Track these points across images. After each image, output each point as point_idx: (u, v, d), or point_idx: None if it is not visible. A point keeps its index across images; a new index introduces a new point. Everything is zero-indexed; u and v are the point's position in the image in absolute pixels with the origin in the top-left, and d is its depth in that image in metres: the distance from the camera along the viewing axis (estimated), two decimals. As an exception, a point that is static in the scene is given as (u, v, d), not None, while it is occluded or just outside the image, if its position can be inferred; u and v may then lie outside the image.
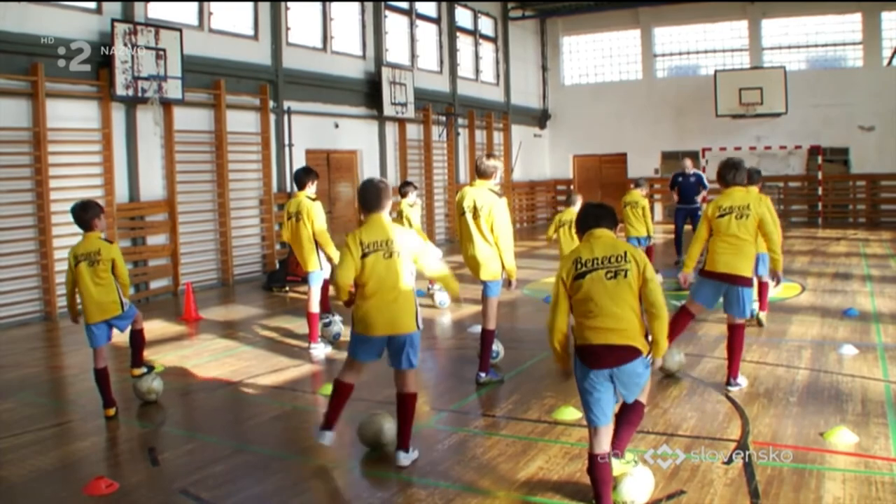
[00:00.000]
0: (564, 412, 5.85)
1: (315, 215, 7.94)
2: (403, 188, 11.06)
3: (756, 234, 6.29)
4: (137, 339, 6.88)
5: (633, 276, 4.05)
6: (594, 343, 4.06)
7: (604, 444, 4.09)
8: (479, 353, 6.97)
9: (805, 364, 7.15)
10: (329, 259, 7.96)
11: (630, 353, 4.06)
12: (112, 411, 6.24)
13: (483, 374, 6.93)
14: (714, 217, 6.31)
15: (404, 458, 4.96)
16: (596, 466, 4.06)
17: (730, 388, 6.35)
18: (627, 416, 4.42)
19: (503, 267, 6.63)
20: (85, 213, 6.35)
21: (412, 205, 10.87)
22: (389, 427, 5.18)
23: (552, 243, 11.18)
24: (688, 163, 14.99)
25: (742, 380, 6.47)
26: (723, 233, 6.26)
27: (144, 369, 6.99)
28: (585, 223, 4.26)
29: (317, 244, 8.03)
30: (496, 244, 6.56)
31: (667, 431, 5.39)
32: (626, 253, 4.07)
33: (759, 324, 8.75)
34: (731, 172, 6.35)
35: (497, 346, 7.32)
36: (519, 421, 5.85)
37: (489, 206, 6.51)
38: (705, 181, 14.99)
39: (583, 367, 4.13)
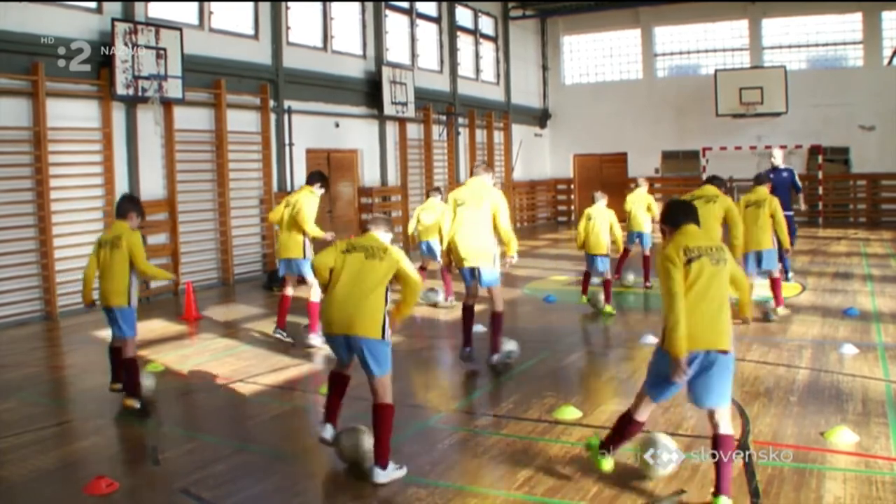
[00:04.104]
0: (565, 412, 5.85)
1: (306, 206, 8.43)
2: (432, 192, 11.35)
3: (721, 220, 7.94)
4: (129, 368, 6.33)
5: (730, 266, 4.40)
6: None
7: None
8: (491, 334, 7.22)
9: (806, 363, 7.15)
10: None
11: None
12: (117, 386, 6.50)
13: (495, 357, 7.15)
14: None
15: (380, 476, 4.68)
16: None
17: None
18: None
19: (505, 252, 7.21)
20: (127, 203, 6.57)
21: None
22: (365, 442, 4.92)
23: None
24: (778, 154, 12.10)
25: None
26: None
27: (138, 404, 6.24)
28: (676, 219, 4.50)
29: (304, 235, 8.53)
30: (501, 229, 7.05)
31: (667, 431, 5.37)
32: (720, 246, 4.44)
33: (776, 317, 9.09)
34: (713, 178, 8.56)
35: (513, 346, 7.45)
36: (519, 420, 5.84)
37: (492, 196, 7.04)
38: (798, 181, 12.08)
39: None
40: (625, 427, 4.52)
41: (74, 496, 4.66)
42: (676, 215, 4.51)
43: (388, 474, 4.72)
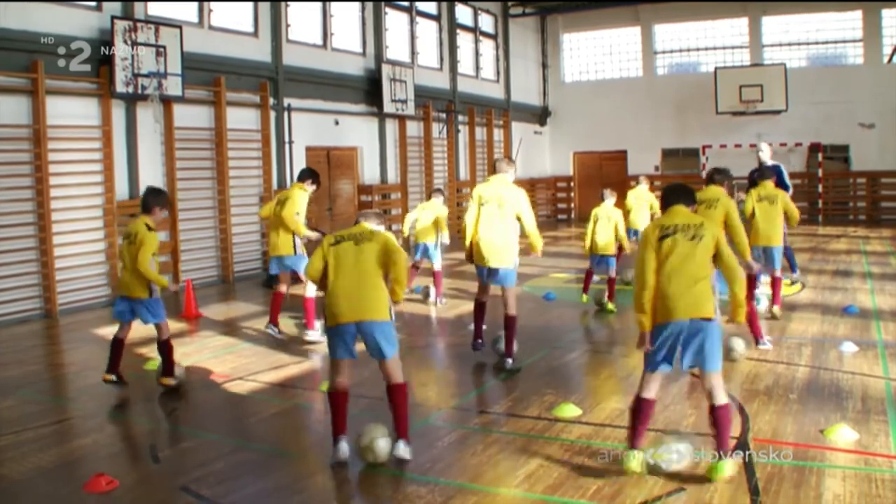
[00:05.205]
0: (564, 409, 5.85)
1: (297, 203, 8.48)
2: (434, 193, 11.29)
3: (722, 223, 6.83)
4: (164, 350, 6.68)
5: (708, 242, 4.63)
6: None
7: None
8: (504, 339, 7.33)
9: (805, 361, 7.15)
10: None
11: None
12: (110, 377, 6.69)
13: (510, 360, 7.25)
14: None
15: (404, 450, 4.95)
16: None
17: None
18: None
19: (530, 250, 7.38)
20: (150, 196, 6.76)
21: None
22: (383, 444, 4.96)
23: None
24: (765, 148, 11.26)
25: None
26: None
27: (174, 381, 6.71)
28: (668, 200, 4.90)
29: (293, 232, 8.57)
30: (527, 231, 7.21)
31: (667, 429, 5.39)
32: (702, 223, 4.71)
33: (773, 317, 8.95)
34: (714, 174, 7.46)
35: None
36: (519, 418, 5.85)
37: (515, 196, 7.12)
38: (786, 177, 11.16)
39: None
40: (637, 409, 4.66)
41: (74, 494, 4.67)
42: (668, 197, 4.92)
43: (410, 449, 5.00)
